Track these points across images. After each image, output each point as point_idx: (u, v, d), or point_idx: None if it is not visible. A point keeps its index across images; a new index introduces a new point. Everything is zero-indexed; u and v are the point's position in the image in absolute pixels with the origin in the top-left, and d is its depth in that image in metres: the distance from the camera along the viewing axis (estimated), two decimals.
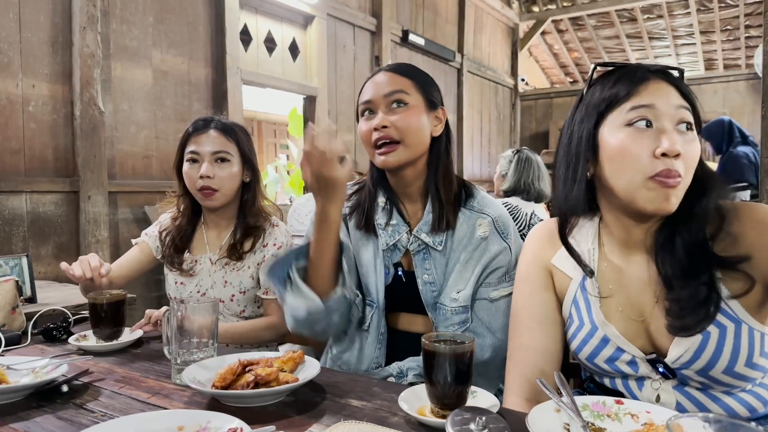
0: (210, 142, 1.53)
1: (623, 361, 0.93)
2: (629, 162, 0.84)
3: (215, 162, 1.52)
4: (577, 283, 0.99)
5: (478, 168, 6.97)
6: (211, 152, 1.52)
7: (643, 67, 0.89)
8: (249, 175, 1.59)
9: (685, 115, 0.85)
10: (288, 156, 7.89)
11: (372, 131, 1.18)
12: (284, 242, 1.59)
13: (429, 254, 1.22)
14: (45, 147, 2.83)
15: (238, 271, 1.57)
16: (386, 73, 1.22)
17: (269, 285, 1.55)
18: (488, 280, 1.20)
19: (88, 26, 2.89)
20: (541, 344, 0.99)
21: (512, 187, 2.82)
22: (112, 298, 1.26)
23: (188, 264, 1.59)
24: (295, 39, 4.40)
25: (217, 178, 1.51)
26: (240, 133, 1.58)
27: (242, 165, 1.57)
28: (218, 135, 1.54)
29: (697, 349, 0.86)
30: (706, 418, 0.53)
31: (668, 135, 0.83)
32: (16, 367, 1.02)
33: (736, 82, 7.14)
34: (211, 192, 1.51)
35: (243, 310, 1.59)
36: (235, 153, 1.55)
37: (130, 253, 1.66)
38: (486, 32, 7.26)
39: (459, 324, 1.18)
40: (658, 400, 0.92)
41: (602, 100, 0.89)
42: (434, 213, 1.21)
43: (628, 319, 0.93)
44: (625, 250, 0.95)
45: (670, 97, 0.85)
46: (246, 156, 1.57)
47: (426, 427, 0.81)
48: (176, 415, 0.81)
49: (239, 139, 1.56)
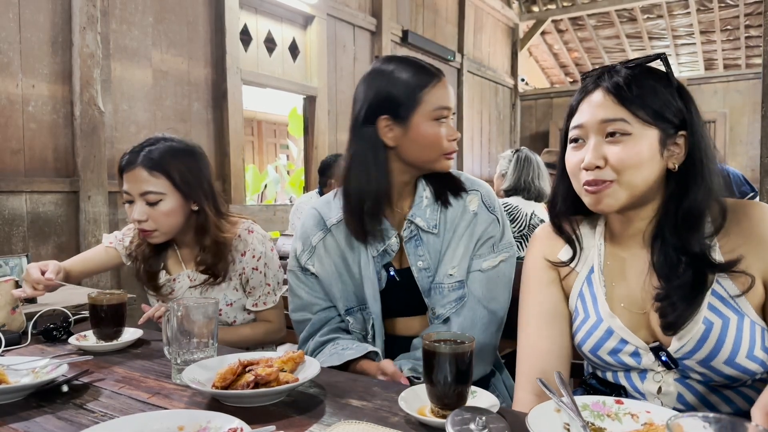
0: (136, 181, 1.40)
1: (626, 353, 0.95)
2: (571, 174, 0.97)
3: (146, 204, 1.40)
4: (583, 277, 1.02)
5: (478, 168, 6.97)
6: (139, 194, 1.40)
7: (589, 80, 0.96)
8: (197, 204, 1.45)
9: (611, 127, 0.89)
10: (288, 156, 7.89)
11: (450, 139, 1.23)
12: (262, 252, 1.51)
13: (421, 240, 1.23)
14: (45, 147, 2.83)
15: (219, 285, 1.51)
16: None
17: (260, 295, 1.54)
18: (480, 252, 1.23)
19: (88, 26, 2.88)
20: (550, 340, 1.01)
21: (512, 185, 2.83)
22: (112, 299, 1.27)
23: (167, 284, 1.53)
24: (295, 39, 4.40)
25: (150, 219, 1.40)
26: (173, 162, 1.41)
27: (182, 197, 1.43)
28: (144, 172, 1.39)
29: (699, 339, 0.88)
30: (706, 418, 0.53)
31: (590, 150, 0.91)
32: (16, 367, 1.02)
33: (736, 82, 7.13)
34: (149, 232, 1.42)
35: (234, 321, 1.56)
36: (166, 188, 1.40)
37: (96, 253, 1.63)
38: (486, 32, 7.26)
39: (456, 301, 1.21)
40: (659, 392, 0.93)
41: (567, 114, 0.99)
42: (434, 197, 1.25)
43: (631, 311, 0.96)
44: (626, 244, 0.99)
45: (598, 112, 0.91)
46: (184, 189, 1.42)
47: (426, 427, 0.81)
48: (176, 415, 0.81)
49: (169, 172, 1.40)
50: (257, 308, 1.54)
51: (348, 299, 1.27)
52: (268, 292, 1.55)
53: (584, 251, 1.03)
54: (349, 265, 1.26)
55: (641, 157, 0.89)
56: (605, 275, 0.99)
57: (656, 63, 0.94)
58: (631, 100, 0.89)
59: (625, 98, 0.89)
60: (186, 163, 1.44)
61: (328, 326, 1.29)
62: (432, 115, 1.19)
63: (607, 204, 0.91)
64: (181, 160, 1.43)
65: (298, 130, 6.40)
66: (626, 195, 0.90)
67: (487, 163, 7.17)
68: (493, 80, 7.40)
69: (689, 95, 0.93)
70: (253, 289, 1.53)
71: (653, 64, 0.94)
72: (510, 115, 7.95)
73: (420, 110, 1.18)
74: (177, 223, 1.44)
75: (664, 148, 0.90)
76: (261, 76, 4.07)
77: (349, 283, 1.26)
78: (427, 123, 1.19)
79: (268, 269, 1.53)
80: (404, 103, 1.18)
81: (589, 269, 1.01)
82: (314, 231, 1.29)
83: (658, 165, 0.90)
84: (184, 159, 1.45)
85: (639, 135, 0.89)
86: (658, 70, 0.94)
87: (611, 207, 0.92)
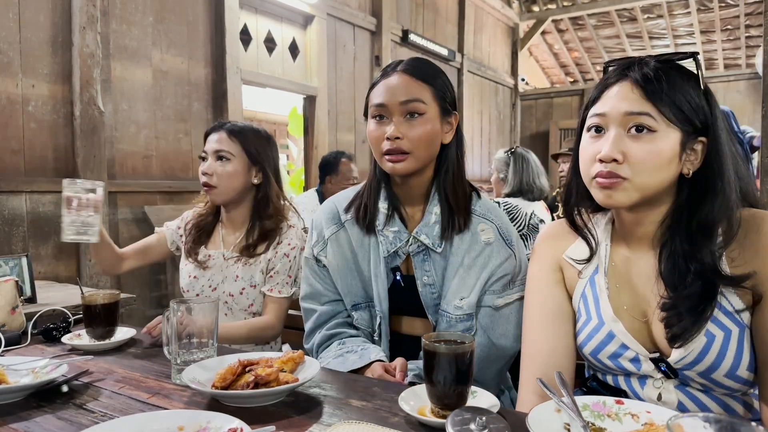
0: (215, 141, 1.61)
1: (626, 358, 0.94)
2: (583, 163, 0.92)
3: (216, 160, 1.59)
4: (586, 278, 1.00)
5: (478, 168, 6.97)
6: (213, 150, 1.60)
7: (615, 69, 0.92)
8: (259, 177, 1.63)
9: (636, 121, 0.85)
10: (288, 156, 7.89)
11: (383, 139, 1.14)
12: (297, 244, 1.63)
13: (429, 256, 1.20)
14: (45, 147, 2.83)
15: (249, 266, 1.61)
16: (403, 75, 1.15)
17: (275, 285, 1.59)
18: (493, 288, 1.18)
19: (88, 26, 2.88)
20: (554, 340, 1.00)
21: (516, 189, 2.79)
22: (105, 298, 1.27)
23: (202, 257, 1.65)
24: (295, 39, 4.40)
25: (215, 175, 1.58)
26: (250, 135, 1.63)
27: (247, 166, 1.61)
28: (224, 135, 1.61)
29: (700, 351, 0.86)
30: (706, 418, 0.53)
31: (609, 141, 0.86)
32: (16, 367, 1.02)
33: (736, 82, 7.13)
34: (210, 188, 1.59)
35: (251, 304, 1.62)
36: (237, 153, 1.59)
37: (148, 238, 1.79)
38: (486, 32, 7.26)
39: (463, 332, 1.17)
40: (659, 399, 0.92)
41: (588, 102, 0.95)
42: (443, 219, 1.19)
43: (633, 317, 0.94)
44: (634, 246, 0.96)
45: (623, 103, 0.86)
46: (253, 157, 1.61)
47: (426, 427, 0.81)
48: (176, 415, 0.81)
49: (245, 141, 1.61)
50: (271, 293, 1.60)
51: (356, 295, 1.26)
52: (286, 282, 1.62)
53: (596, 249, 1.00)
54: (359, 262, 1.26)
55: (662, 158, 0.84)
56: (609, 277, 0.97)
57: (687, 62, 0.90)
58: (660, 95, 0.84)
59: (653, 93, 0.84)
60: (260, 141, 1.65)
61: (335, 320, 1.29)
62: (371, 113, 1.19)
63: (618, 200, 0.87)
64: (257, 138, 1.64)
65: (298, 130, 6.40)
66: (638, 195, 0.86)
67: (487, 163, 7.17)
68: (493, 80, 7.40)
69: (715, 101, 0.88)
70: (276, 274, 1.61)
71: (683, 63, 0.90)
72: (510, 115, 7.95)
73: (369, 111, 1.20)
74: (236, 186, 1.60)
75: (683, 151, 0.86)
76: (261, 76, 4.06)
77: (358, 279, 1.26)
78: (370, 122, 1.19)
79: (295, 261, 1.63)
80: (365, 104, 1.22)
81: (593, 270, 0.99)
82: (328, 224, 1.29)
83: (675, 168, 0.86)
84: (260, 139, 1.65)
85: (663, 134, 0.85)
86: (688, 70, 0.88)
87: (621, 204, 0.88)
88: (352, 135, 5.01)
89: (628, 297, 0.95)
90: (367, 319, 1.26)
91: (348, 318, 1.30)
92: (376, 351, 1.18)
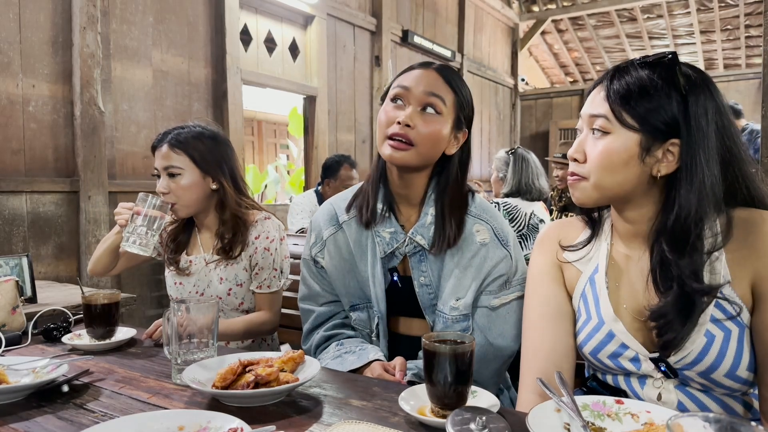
0: (161, 157, 1.55)
1: (626, 358, 0.94)
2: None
3: (168, 177, 1.54)
4: (586, 277, 1.00)
5: (478, 168, 6.97)
6: (162, 168, 1.54)
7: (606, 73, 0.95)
8: (216, 184, 1.58)
9: (595, 123, 0.89)
10: (288, 156, 7.89)
11: (394, 122, 1.14)
12: (276, 236, 1.60)
13: (425, 257, 1.20)
14: (45, 147, 2.83)
15: (232, 265, 1.59)
16: (434, 72, 1.17)
17: (263, 281, 1.59)
18: (489, 288, 1.18)
19: (88, 26, 2.89)
20: (555, 339, 1.00)
21: (514, 189, 2.80)
22: (106, 298, 1.27)
23: (184, 264, 1.63)
24: (295, 39, 4.40)
25: (171, 192, 1.53)
26: (194, 143, 1.55)
27: (201, 175, 1.55)
28: (167, 150, 1.54)
29: (700, 351, 0.86)
30: (706, 418, 0.53)
31: (575, 142, 0.94)
32: (16, 367, 1.02)
33: (736, 82, 7.13)
34: (172, 205, 1.53)
35: (241, 303, 1.62)
36: (185, 165, 1.53)
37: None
38: (486, 32, 7.26)
39: (459, 332, 1.17)
40: (659, 399, 0.92)
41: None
42: (436, 230, 1.18)
43: (633, 317, 0.94)
44: (631, 243, 0.97)
45: (589, 107, 0.92)
46: (202, 167, 1.55)
47: (426, 427, 0.81)
48: (176, 415, 0.81)
49: (190, 150, 1.54)
50: (261, 290, 1.59)
51: (354, 296, 1.27)
52: (273, 276, 1.60)
53: (595, 244, 1.01)
54: (356, 263, 1.26)
55: (614, 159, 0.87)
56: (609, 275, 0.98)
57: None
58: (616, 99, 0.87)
59: (611, 96, 0.88)
60: (207, 144, 1.58)
61: (333, 321, 1.29)
62: (390, 94, 1.17)
63: (577, 198, 0.93)
64: (202, 142, 1.57)
65: (298, 130, 6.40)
66: (597, 194, 0.91)
67: (487, 163, 7.17)
68: (493, 80, 7.40)
69: (699, 101, 0.85)
70: (261, 270, 1.59)
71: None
72: (510, 115, 7.95)
73: (390, 92, 1.19)
74: (196, 197, 1.56)
75: (646, 153, 0.86)
76: (261, 76, 4.07)
77: (356, 280, 1.26)
78: (386, 103, 1.18)
79: (277, 253, 1.60)
80: (387, 88, 1.22)
81: (593, 269, 1.00)
82: (326, 225, 1.29)
83: (635, 170, 0.87)
84: (206, 141, 1.58)
85: (617, 135, 0.87)
86: (666, 71, 0.87)
87: (582, 201, 0.93)
88: (352, 135, 5.01)
89: (627, 295, 0.96)
90: (365, 319, 1.26)
91: (346, 319, 1.30)
92: (375, 351, 1.18)
